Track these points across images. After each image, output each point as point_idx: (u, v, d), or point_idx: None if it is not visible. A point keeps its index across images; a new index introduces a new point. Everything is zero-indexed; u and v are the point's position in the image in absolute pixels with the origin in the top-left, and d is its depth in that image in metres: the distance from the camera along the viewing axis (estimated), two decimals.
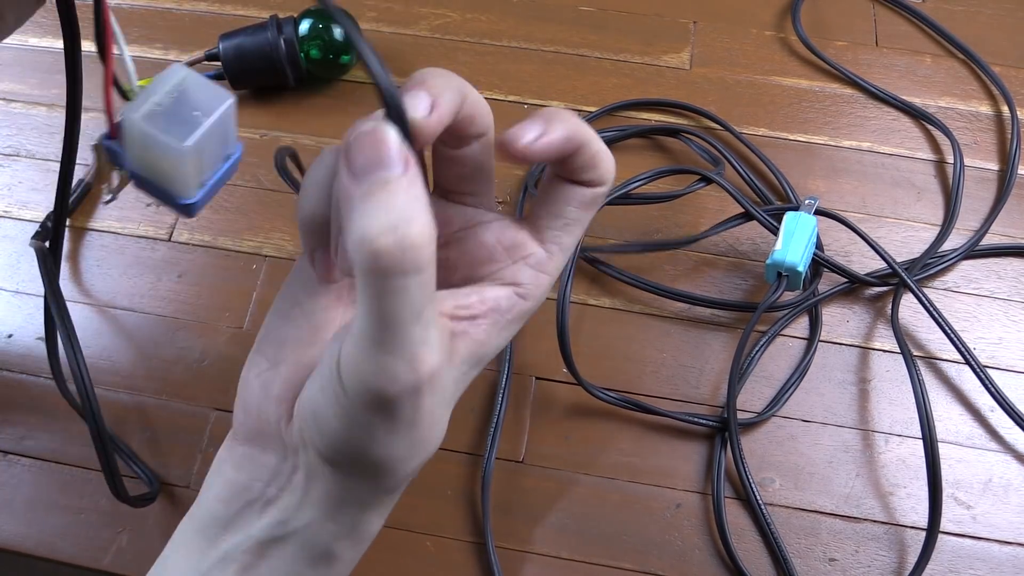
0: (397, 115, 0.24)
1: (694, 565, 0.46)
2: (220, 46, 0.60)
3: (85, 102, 0.33)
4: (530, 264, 0.29)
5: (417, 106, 0.26)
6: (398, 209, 0.23)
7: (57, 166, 0.34)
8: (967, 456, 0.49)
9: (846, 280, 0.54)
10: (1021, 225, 0.58)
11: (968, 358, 0.50)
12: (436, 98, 0.27)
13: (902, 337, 0.50)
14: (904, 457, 0.49)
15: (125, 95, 0.27)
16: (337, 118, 0.61)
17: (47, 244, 0.29)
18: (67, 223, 0.55)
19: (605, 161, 0.29)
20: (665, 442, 0.49)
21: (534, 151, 0.29)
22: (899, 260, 0.53)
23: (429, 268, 0.23)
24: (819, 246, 0.55)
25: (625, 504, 0.48)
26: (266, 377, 0.29)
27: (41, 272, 0.26)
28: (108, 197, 0.33)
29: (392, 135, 0.24)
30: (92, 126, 0.56)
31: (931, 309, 0.50)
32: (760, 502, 0.47)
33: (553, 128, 0.29)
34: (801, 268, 0.50)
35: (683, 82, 0.64)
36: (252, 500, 0.29)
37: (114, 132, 0.27)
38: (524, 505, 0.47)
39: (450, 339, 0.27)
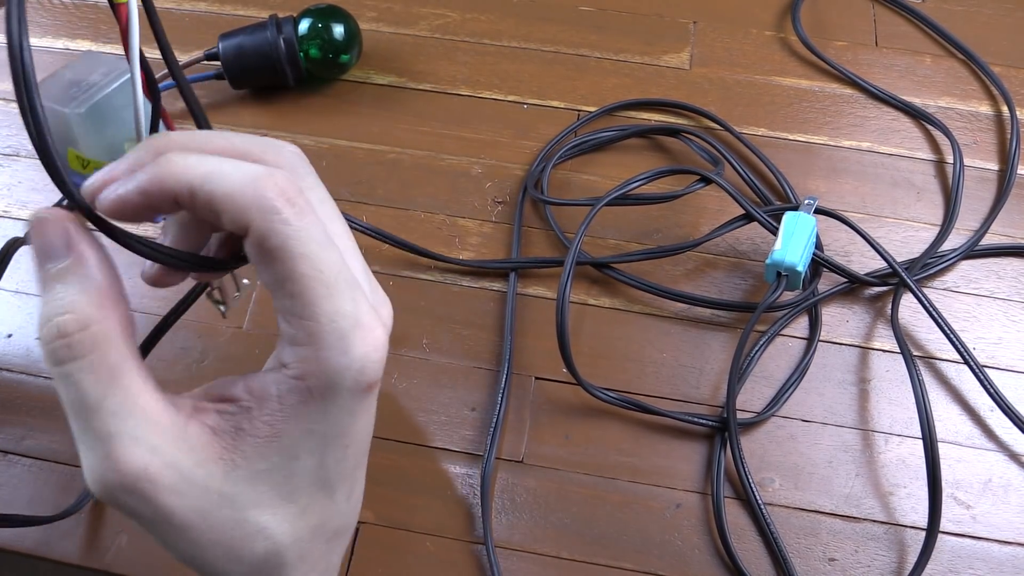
0: (72, 199, 0.24)
1: (694, 565, 0.46)
2: (219, 46, 0.60)
3: None
4: (288, 342, 0.25)
5: (97, 190, 0.25)
6: (56, 300, 0.24)
7: None
8: (967, 456, 0.49)
9: (846, 280, 0.54)
10: (1021, 225, 0.58)
11: (967, 358, 0.50)
12: (117, 182, 0.24)
13: (902, 337, 0.50)
14: (904, 457, 0.49)
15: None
16: (336, 118, 0.61)
17: None
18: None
19: (233, 199, 0.23)
20: (665, 442, 0.49)
21: (105, 208, 0.24)
22: (899, 260, 0.53)
23: (91, 355, 0.23)
24: (819, 246, 0.55)
25: (625, 504, 0.48)
26: None
27: None
28: (223, 309, 0.32)
29: (57, 224, 0.24)
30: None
31: (931, 309, 0.50)
32: (760, 502, 0.47)
33: (130, 180, 0.24)
34: (801, 268, 0.50)
35: (683, 82, 0.64)
36: None
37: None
38: (524, 505, 0.47)
39: (191, 429, 0.25)
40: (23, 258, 0.55)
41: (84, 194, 0.24)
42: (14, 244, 0.31)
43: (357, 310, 0.25)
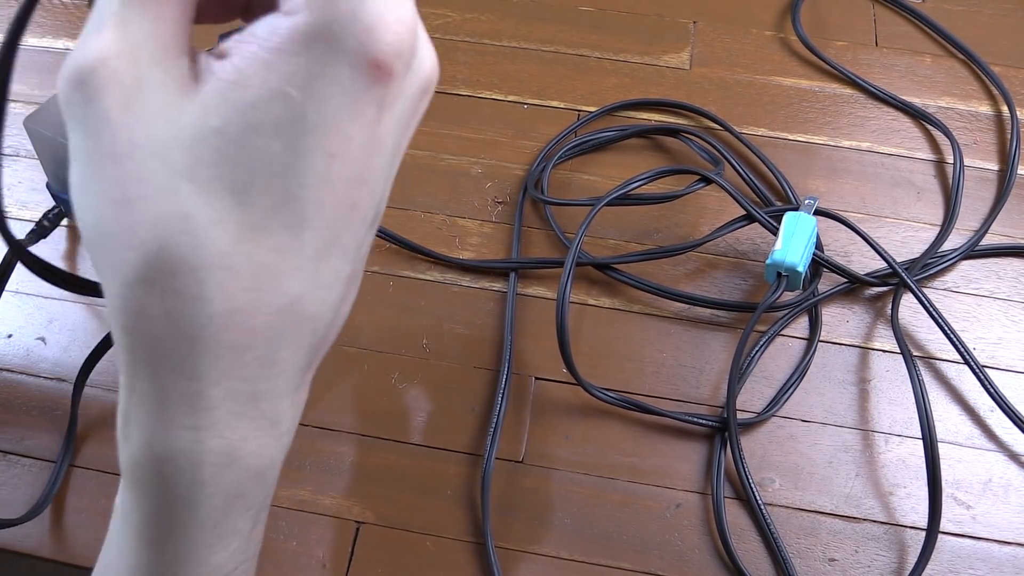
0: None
1: (694, 565, 0.46)
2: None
3: None
4: None
5: None
6: None
7: None
8: (967, 456, 0.49)
9: (846, 280, 0.54)
10: (1021, 225, 0.58)
11: (968, 358, 0.50)
12: None
13: (902, 337, 0.50)
14: (904, 457, 0.49)
15: None
16: None
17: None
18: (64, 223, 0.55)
19: None
20: (665, 442, 0.49)
21: None
22: (899, 260, 0.53)
23: None
24: (819, 246, 0.55)
25: (625, 504, 0.48)
26: None
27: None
28: None
29: None
30: None
31: (931, 309, 0.50)
32: (760, 502, 0.47)
33: None
34: (801, 268, 0.50)
35: (683, 82, 0.64)
36: None
37: None
38: (524, 505, 0.47)
39: (182, 60, 0.20)
40: None
41: None
42: (13, 258, 0.29)
43: None
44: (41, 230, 0.53)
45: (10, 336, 0.52)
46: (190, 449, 0.21)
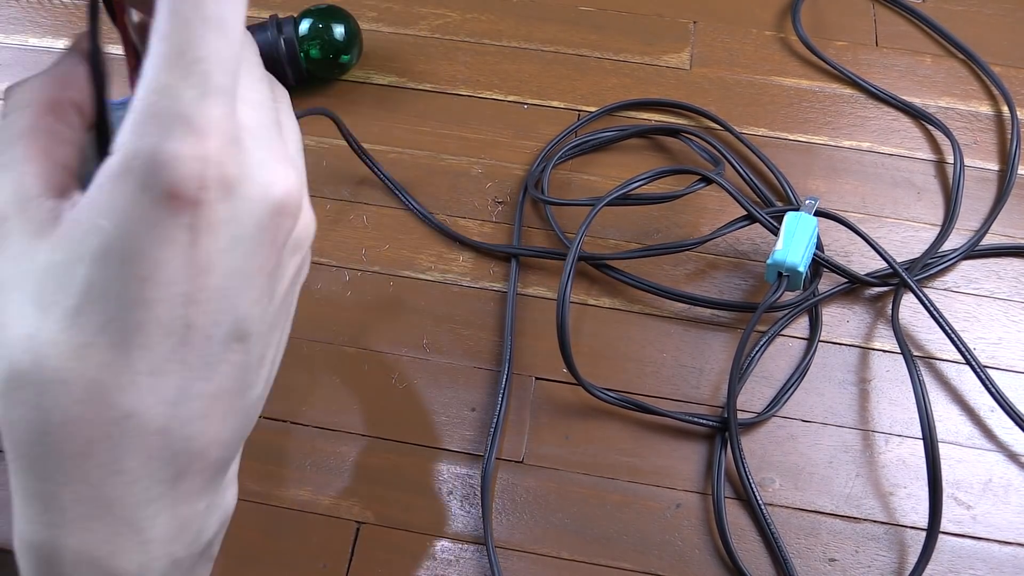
0: None
1: (694, 565, 0.46)
2: None
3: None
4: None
5: None
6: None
7: None
8: (967, 456, 0.49)
9: (846, 280, 0.54)
10: (1021, 225, 0.58)
11: (968, 358, 0.50)
12: None
13: (902, 337, 0.50)
14: (904, 457, 0.49)
15: None
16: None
17: None
18: None
19: None
20: (665, 442, 0.49)
21: None
22: (899, 260, 0.53)
23: (13, 113, 0.23)
24: (819, 246, 0.55)
25: (625, 504, 0.48)
26: None
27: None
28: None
29: None
30: None
31: (931, 309, 0.50)
32: (760, 502, 0.47)
33: None
34: (802, 268, 0.50)
35: (683, 82, 0.64)
36: None
37: None
38: (524, 505, 0.47)
39: (45, 202, 0.23)
40: None
41: None
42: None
43: (197, 107, 0.21)
44: None
45: None
46: (48, 542, 0.23)
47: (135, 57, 0.27)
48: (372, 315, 0.53)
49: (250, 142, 0.23)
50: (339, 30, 0.60)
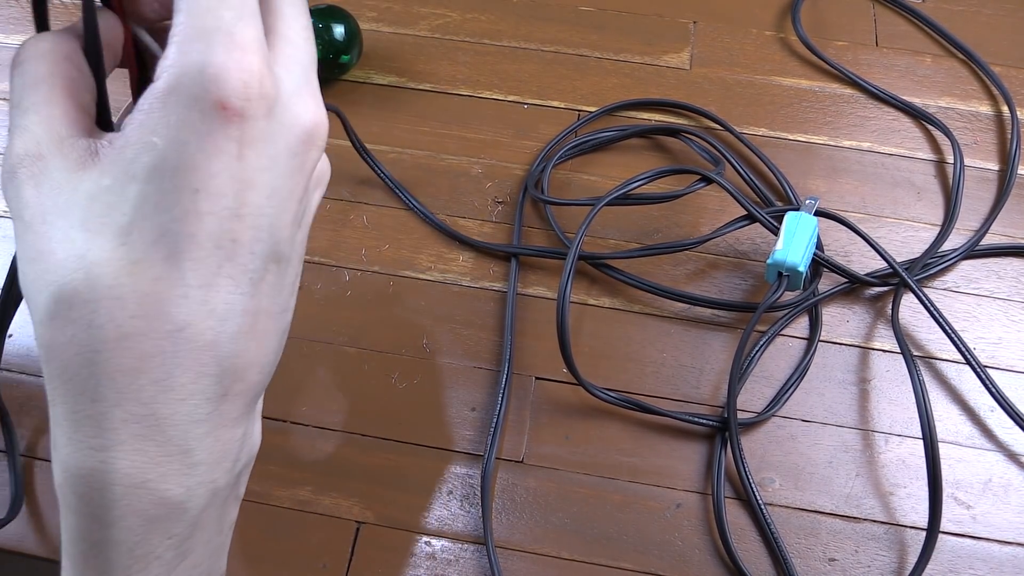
0: None
1: (694, 565, 0.46)
2: None
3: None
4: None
5: None
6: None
7: None
8: (967, 456, 0.49)
9: (846, 280, 0.54)
10: (1021, 225, 0.58)
11: (968, 358, 0.50)
12: None
13: (902, 337, 0.50)
14: (904, 457, 0.49)
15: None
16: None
17: None
18: None
19: None
20: (665, 442, 0.49)
21: None
22: (899, 260, 0.53)
23: (28, 62, 0.24)
24: (819, 246, 0.55)
25: (625, 504, 0.48)
26: None
27: None
28: None
29: None
30: None
31: (931, 309, 0.50)
32: (760, 502, 0.47)
33: None
34: (802, 268, 0.50)
35: (683, 82, 0.64)
36: None
37: None
38: (524, 505, 0.47)
39: (79, 140, 0.24)
40: None
41: None
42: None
43: (235, 25, 0.22)
44: None
45: (10, 336, 0.52)
46: (99, 468, 0.23)
47: (133, 44, 0.27)
48: (372, 315, 0.53)
49: (284, 72, 0.24)
50: (339, 30, 0.60)
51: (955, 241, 0.57)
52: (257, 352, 0.25)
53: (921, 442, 0.46)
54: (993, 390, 0.49)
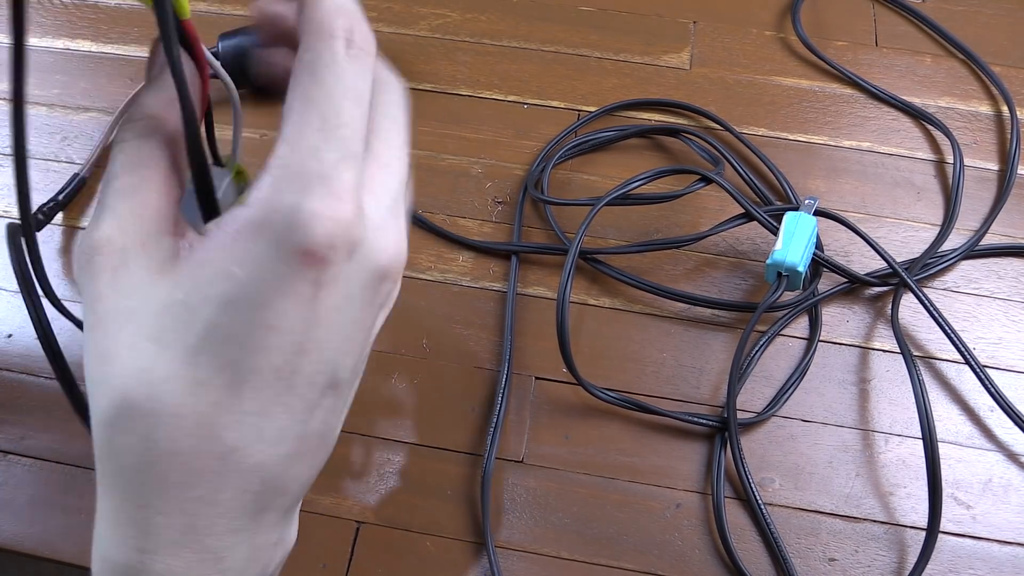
0: None
1: (694, 565, 0.46)
2: (220, 46, 0.60)
3: (84, 101, 0.33)
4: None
5: None
6: (144, 94, 0.26)
7: (57, 165, 0.34)
8: (967, 456, 0.49)
9: (846, 280, 0.54)
10: (1021, 225, 0.58)
11: (968, 358, 0.50)
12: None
13: (902, 337, 0.50)
14: (904, 457, 0.49)
15: (219, 162, 0.29)
16: None
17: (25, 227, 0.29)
18: (59, 217, 0.56)
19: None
20: (665, 442, 0.49)
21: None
22: (899, 260, 0.53)
23: (133, 140, 0.24)
24: (819, 246, 0.55)
25: (625, 504, 0.48)
26: None
27: (9, 252, 0.26)
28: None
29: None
30: (76, 122, 0.56)
31: (931, 309, 0.50)
32: (760, 502, 0.47)
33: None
34: (801, 268, 0.50)
35: (683, 82, 0.64)
36: None
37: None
38: (524, 505, 0.47)
39: (164, 240, 0.24)
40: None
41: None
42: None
43: (335, 169, 0.22)
44: (36, 223, 0.53)
45: (10, 336, 0.52)
46: (136, 567, 0.24)
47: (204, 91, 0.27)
48: None
49: (372, 200, 0.24)
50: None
51: (955, 241, 0.57)
52: (303, 470, 0.26)
53: (921, 442, 0.46)
54: (993, 390, 0.49)
